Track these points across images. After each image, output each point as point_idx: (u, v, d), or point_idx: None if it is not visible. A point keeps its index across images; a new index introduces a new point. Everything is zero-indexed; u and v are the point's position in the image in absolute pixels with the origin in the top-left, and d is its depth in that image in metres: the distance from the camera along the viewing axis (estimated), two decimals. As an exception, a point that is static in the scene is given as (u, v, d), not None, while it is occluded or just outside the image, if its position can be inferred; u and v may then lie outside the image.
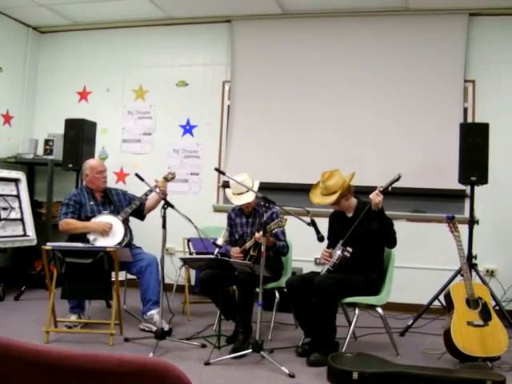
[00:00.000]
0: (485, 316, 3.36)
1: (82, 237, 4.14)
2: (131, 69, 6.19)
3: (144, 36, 6.16)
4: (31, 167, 6.23)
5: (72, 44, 6.41)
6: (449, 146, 4.99)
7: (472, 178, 4.36)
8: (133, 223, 4.45)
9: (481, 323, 3.33)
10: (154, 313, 4.00)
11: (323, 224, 3.76)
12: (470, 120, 5.19)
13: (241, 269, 3.73)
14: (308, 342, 3.63)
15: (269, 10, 5.60)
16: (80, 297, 4.02)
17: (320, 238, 3.50)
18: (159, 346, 3.53)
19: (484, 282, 4.22)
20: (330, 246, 3.78)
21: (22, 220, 5.24)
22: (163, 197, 3.96)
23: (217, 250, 3.78)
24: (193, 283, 5.42)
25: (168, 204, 3.66)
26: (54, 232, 5.22)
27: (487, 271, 4.99)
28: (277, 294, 4.10)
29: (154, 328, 3.77)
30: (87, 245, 3.95)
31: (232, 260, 3.76)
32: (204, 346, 3.67)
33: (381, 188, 3.48)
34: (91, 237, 4.15)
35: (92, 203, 4.33)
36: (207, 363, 3.30)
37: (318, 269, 3.89)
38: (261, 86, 5.78)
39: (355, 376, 2.89)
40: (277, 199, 3.78)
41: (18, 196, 5.30)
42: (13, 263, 5.92)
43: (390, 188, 3.49)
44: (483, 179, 4.37)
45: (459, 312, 3.39)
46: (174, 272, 5.22)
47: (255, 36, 5.86)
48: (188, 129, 6.01)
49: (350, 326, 3.64)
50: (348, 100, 5.49)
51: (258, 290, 3.46)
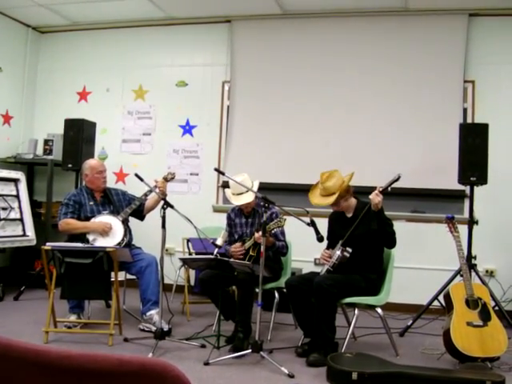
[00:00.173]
0: (484, 316, 3.36)
1: (82, 237, 4.14)
2: (131, 69, 6.19)
3: (144, 36, 6.16)
4: (31, 167, 6.23)
5: (72, 44, 6.40)
6: (448, 147, 5.00)
7: (471, 179, 4.37)
8: (132, 223, 4.45)
9: (480, 323, 3.33)
10: (154, 313, 4.00)
11: (323, 224, 3.76)
12: (470, 120, 5.19)
13: (240, 269, 3.73)
14: (307, 343, 3.63)
15: (269, 10, 5.60)
16: (79, 297, 4.02)
17: (319, 239, 3.50)
18: (159, 346, 3.52)
19: (483, 283, 4.22)
20: (330, 247, 3.78)
21: (22, 220, 5.24)
22: (163, 197, 3.96)
23: (216, 250, 3.78)
24: (192, 283, 5.43)
25: (167, 204, 3.66)
26: (54, 232, 5.22)
27: (487, 271, 4.99)
28: (276, 295, 4.11)
29: (154, 328, 3.76)
30: (87, 245, 3.95)
31: (231, 260, 3.76)
32: (203, 346, 3.67)
33: (380, 188, 3.48)
34: (91, 237, 4.15)
35: (92, 203, 4.33)
36: (207, 363, 3.30)
37: (318, 269, 3.90)
38: (260, 87, 5.78)
39: (354, 376, 2.88)
40: (276, 199, 3.78)
41: (18, 196, 5.30)
42: (12, 263, 5.92)
43: (390, 188, 3.49)
44: (483, 179, 4.37)
45: (459, 312, 3.39)
46: (174, 272, 5.22)
47: (255, 36, 5.86)
48: (188, 129, 6.01)
49: (350, 327, 3.64)
50: (348, 100, 5.49)
51: (258, 290, 3.46)
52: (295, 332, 4.14)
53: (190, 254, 4.94)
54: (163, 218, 3.61)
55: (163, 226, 3.61)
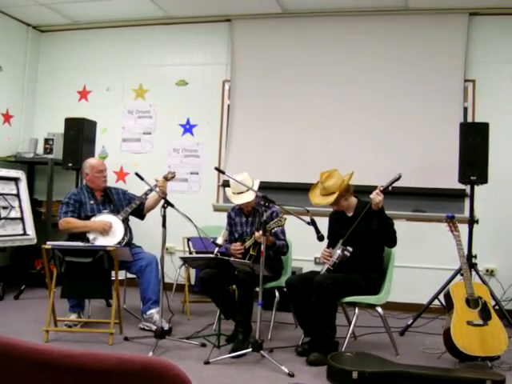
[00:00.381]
0: (484, 315, 3.36)
1: (82, 236, 4.14)
2: (131, 68, 6.19)
3: (144, 35, 6.16)
4: (31, 166, 6.23)
5: (72, 43, 6.40)
6: (449, 146, 5.00)
7: (472, 178, 4.36)
8: (133, 222, 4.45)
9: (480, 323, 3.33)
10: (154, 312, 4.00)
11: (323, 223, 3.77)
12: (470, 119, 5.19)
13: (241, 268, 3.73)
14: (308, 342, 3.63)
15: (269, 10, 5.60)
16: (80, 296, 4.02)
17: (320, 238, 3.50)
18: (159, 345, 3.53)
19: (484, 282, 4.23)
20: (330, 246, 3.78)
21: (22, 219, 5.24)
22: (163, 196, 3.96)
23: (216, 250, 3.78)
24: (192, 282, 5.43)
25: (168, 203, 3.66)
26: (54, 231, 5.22)
27: (487, 271, 4.99)
28: (276, 294, 4.10)
29: (154, 327, 3.77)
30: (87, 244, 3.95)
31: (232, 259, 3.76)
32: (204, 346, 3.67)
33: (381, 187, 3.48)
34: (91, 236, 4.15)
35: (92, 202, 4.33)
36: (207, 362, 3.30)
37: (318, 268, 3.90)
38: (261, 86, 5.77)
39: (355, 375, 2.88)
40: (277, 198, 3.78)
41: (18, 195, 5.30)
42: (13, 262, 5.92)
43: (391, 187, 3.49)
44: (483, 179, 4.37)
45: (459, 311, 3.39)
46: (174, 271, 5.22)
47: (255, 35, 5.85)
48: (188, 128, 6.01)
49: (350, 326, 3.64)
50: (348, 99, 5.49)
51: (258, 290, 3.46)
52: (295, 331, 4.14)
53: (191, 253, 4.94)
54: (163, 217, 3.61)
55: (163, 225, 3.61)
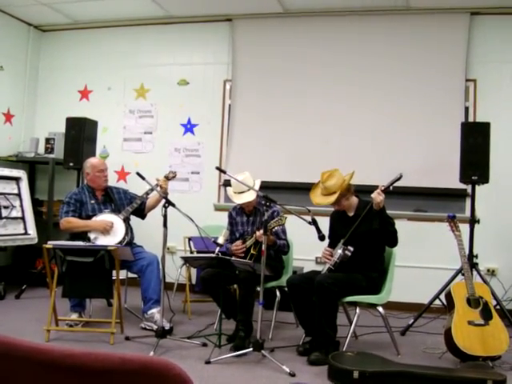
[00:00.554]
0: (485, 315, 3.36)
1: (83, 235, 4.14)
2: (132, 67, 6.19)
3: (145, 35, 6.16)
4: (32, 166, 6.24)
5: (73, 43, 6.41)
6: (450, 145, 4.99)
7: (473, 178, 4.36)
8: (134, 222, 4.45)
9: (481, 322, 3.33)
10: (155, 311, 4.00)
11: (324, 223, 3.77)
12: (471, 119, 5.18)
13: (242, 268, 3.74)
14: (309, 341, 3.64)
15: (270, 9, 5.59)
16: (81, 295, 4.02)
17: (321, 237, 3.50)
18: (160, 345, 3.53)
19: (485, 282, 4.22)
20: (331, 245, 3.78)
21: (23, 218, 5.24)
22: (164, 196, 3.96)
23: (218, 249, 3.78)
24: (193, 282, 5.42)
25: (169, 203, 3.66)
26: (55, 230, 5.22)
27: (488, 270, 4.99)
28: (277, 293, 4.10)
29: (155, 327, 3.77)
30: (88, 243, 3.95)
31: (233, 259, 3.76)
32: (205, 345, 3.67)
33: (382, 187, 3.48)
34: (92, 235, 4.15)
35: (93, 202, 4.33)
36: (208, 362, 3.31)
37: (319, 268, 3.90)
38: (262, 85, 5.77)
39: (356, 375, 2.88)
40: (278, 198, 3.78)
41: (19, 194, 5.30)
42: (14, 262, 5.93)
43: (392, 187, 3.49)
44: (484, 178, 4.37)
45: (460, 311, 3.39)
46: (175, 271, 5.23)
47: (256, 35, 5.85)
48: (189, 127, 6.01)
49: (351, 325, 3.64)
50: (349, 99, 5.49)
51: (259, 289, 3.45)
52: (296, 331, 4.15)
53: (192, 253, 4.95)
54: (164, 217, 3.60)
55: (165, 225, 3.61)
